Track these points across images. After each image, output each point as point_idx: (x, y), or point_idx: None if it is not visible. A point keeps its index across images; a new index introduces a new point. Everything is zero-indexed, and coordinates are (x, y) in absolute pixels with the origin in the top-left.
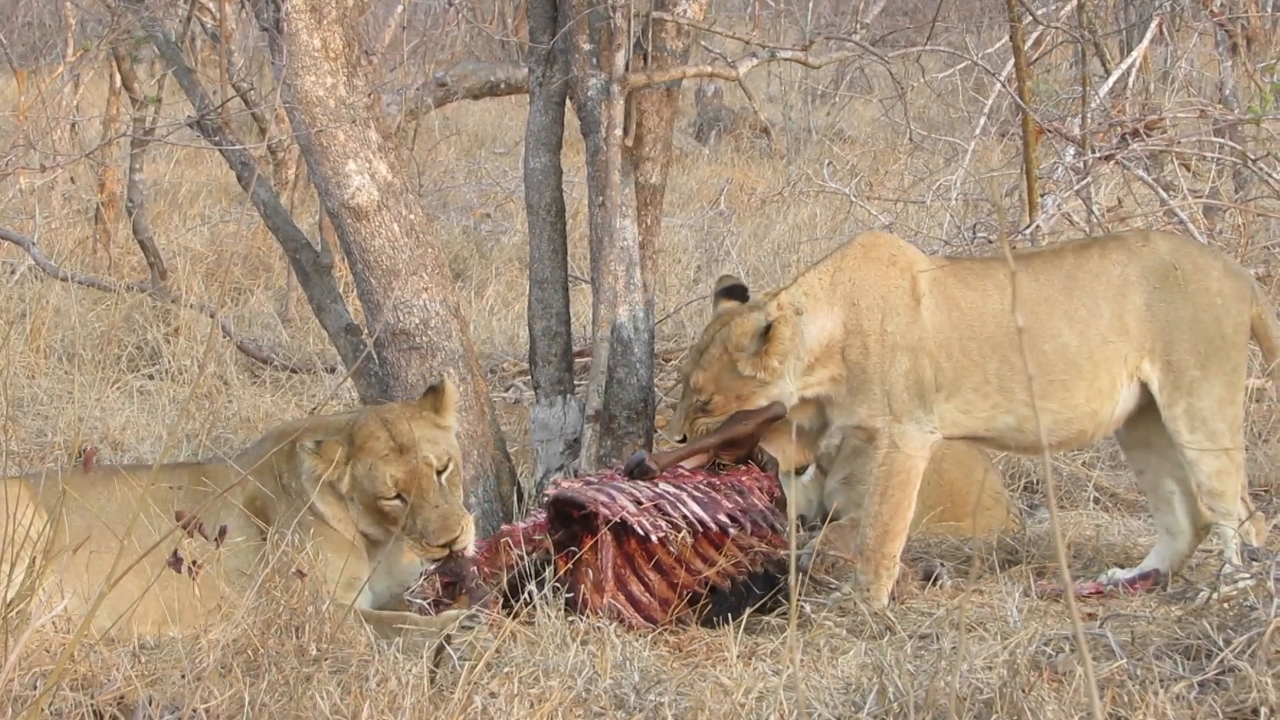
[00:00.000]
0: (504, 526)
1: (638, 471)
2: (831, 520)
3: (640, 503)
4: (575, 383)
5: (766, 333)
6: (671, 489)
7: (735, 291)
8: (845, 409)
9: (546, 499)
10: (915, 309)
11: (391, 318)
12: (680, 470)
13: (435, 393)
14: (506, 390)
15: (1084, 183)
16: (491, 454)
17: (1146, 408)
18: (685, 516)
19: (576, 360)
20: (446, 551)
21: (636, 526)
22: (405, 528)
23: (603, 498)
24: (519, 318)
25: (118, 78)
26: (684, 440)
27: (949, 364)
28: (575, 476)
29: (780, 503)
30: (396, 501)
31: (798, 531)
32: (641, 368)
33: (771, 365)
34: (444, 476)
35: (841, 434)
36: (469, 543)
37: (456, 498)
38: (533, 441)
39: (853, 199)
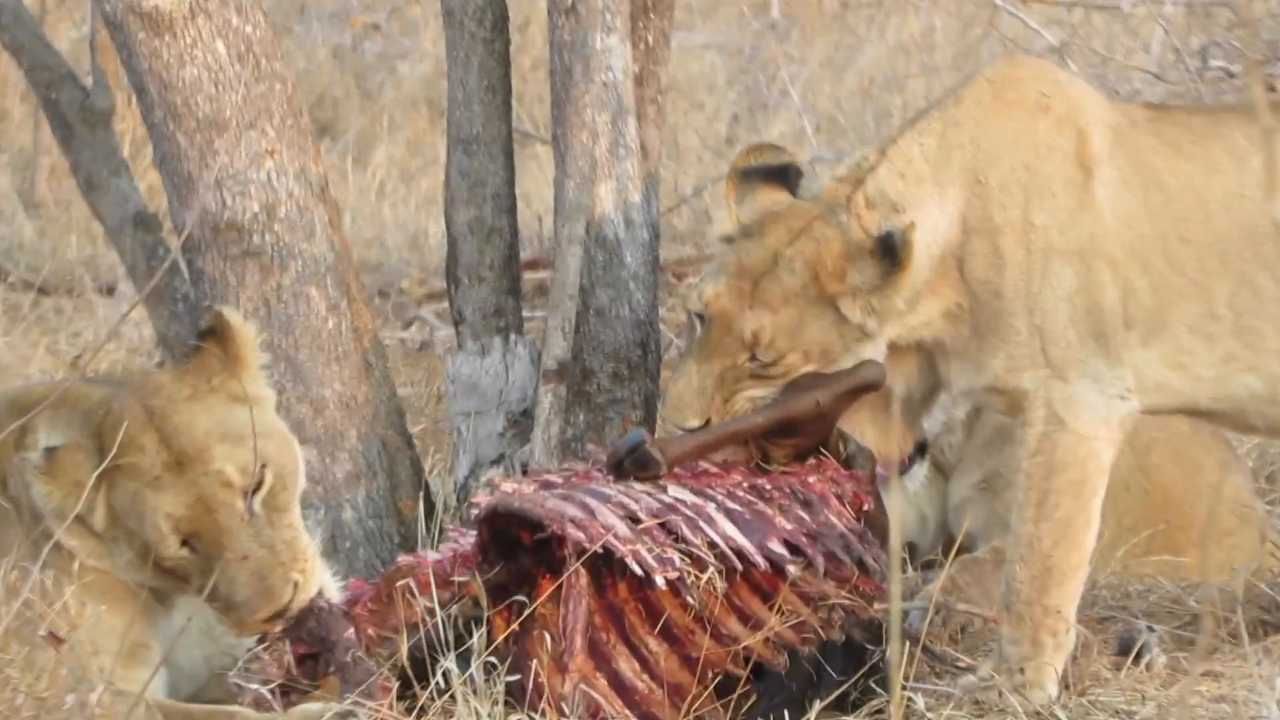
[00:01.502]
0: (402, 559)
1: (634, 464)
2: (959, 552)
3: (638, 520)
4: (525, 315)
5: (892, 250)
6: (691, 497)
7: (779, 174)
8: (968, 360)
9: (477, 513)
10: (1085, 187)
11: (213, 201)
12: (705, 467)
13: (215, 339)
14: (407, 326)
15: None
16: (381, 435)
17: None
18: (713, 543)
19: (527, 276)
20: (276, 625)
21: (630, 560)
22: (202, 591)
23: (573, 511)
24: (429, 203)
25: None
26: (706, 425)
27: (1146, 283)
28: (524, 474)
29: (874, 522)
30: (184, 552)
31: (904, 571)
32: (638, 289)
33: (896, 306)
34: (257, 497)
35: (968, 404)
36: (307, 596)
37: (285, 526)
38: (452, 413)
39: (998, 2)
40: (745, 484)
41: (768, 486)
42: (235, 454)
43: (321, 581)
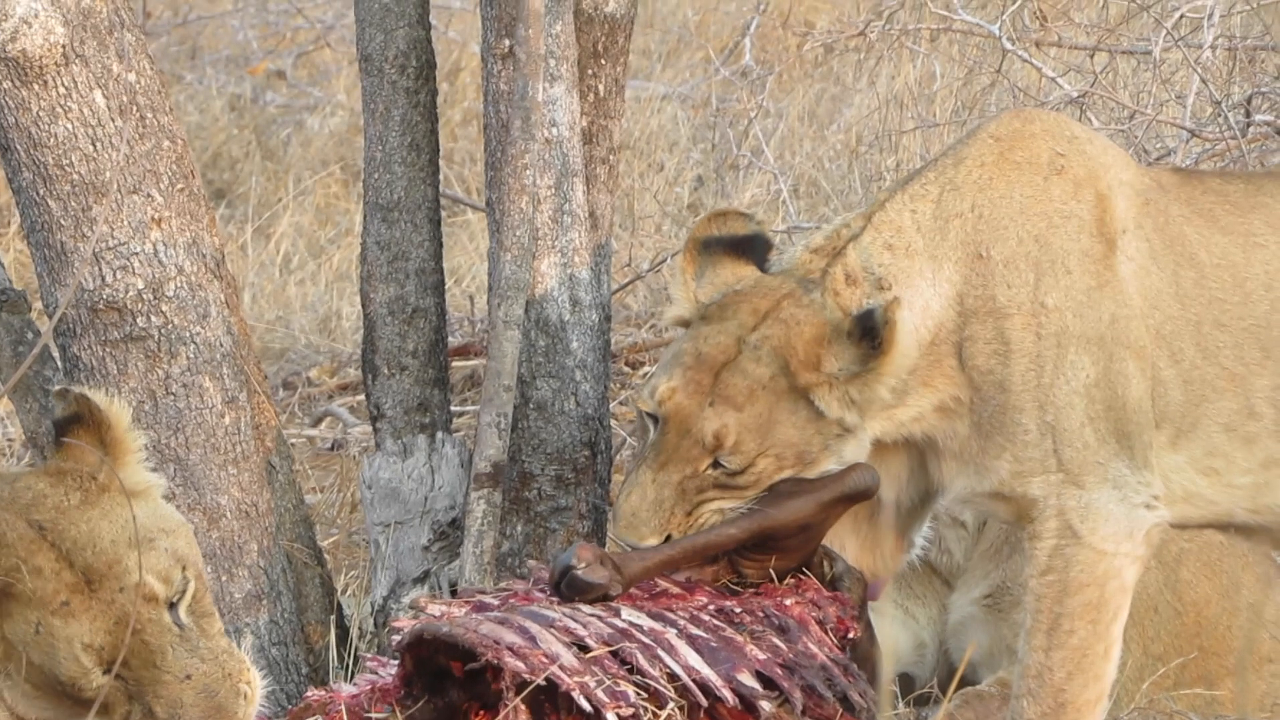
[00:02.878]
0: (312, 693)
1: (571, 588)
2: (961, 684)
3: (586, 648)
4: (454, 410)
5: (872, 331)
6: (648, 621)
7: (745, 246)
8: (967, 463)
9: (399, 639)
10: (1106, 261)
11: (90, 277)
12: (665, 586)
13: (86, 427)
14: (317, 423)
15: None
16: (286, 549)
17: None
18: (674, 675)
19: (456, 365)
20: None
21: (577, 695)
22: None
23: (511, 638)
24: (342, 279)
25: None
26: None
27: (1175, 374)
28: (454, 594)
29: (862, 653)
30: (104, 679)
31: (896, 707)
32: (585, 380)
33: (880, 396)
34: (182, 609)
35: (968, 510)
36: (255, 710)
37: (217, 632)
38: (368, 524)
39: (1007, 46)
40: (711, 607)
41: (738, 610)
42: (151, 561)
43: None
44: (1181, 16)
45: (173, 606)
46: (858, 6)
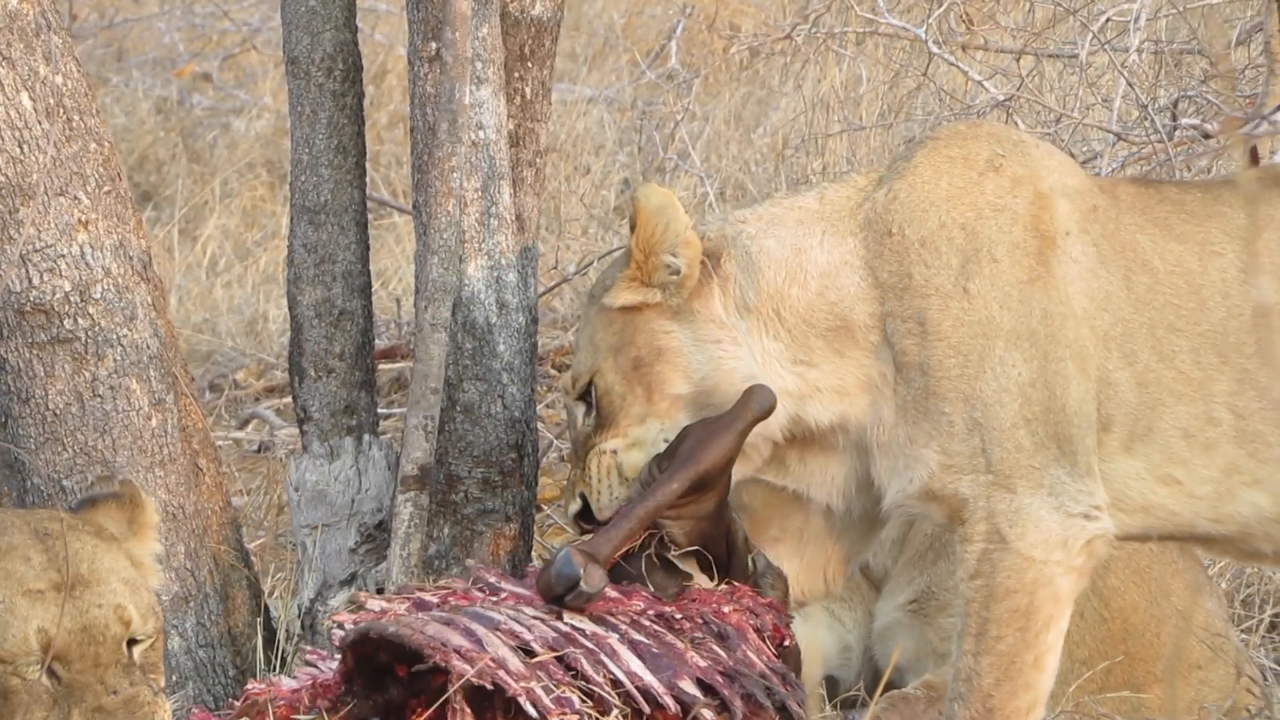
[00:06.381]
0: (253, 685)
1: (578, 599)
2: (887, 688)
3: (532, 653)
4: (380, 413)
5: (631, 219)
6: (590, 625)
7: None
8: (897, 457)
9: (345, 636)
10: (1040, 256)
11: (17, 279)
12: (606, 592)
13: (120, 505)
14: (243, 425)
15: None
16: (213, 550)
17: None
18: (616, 680)
19: (383, 367)
20: None
21: (524, 701)
22: None
23: (458, 640)
24: (268, 282)
25: None
26: (584, 512)
27: (1129, 376)
28: (395, 593)
29: (794, 655)
30: (34, 670)
31: (822, 708)
32: (512, 382)
33: (662, 263)
34: (139, 650)
35: (904, 519)
36: None
37: (155, 681)
38: (295, 526)
39: (933, 49)
40: (651, 612)
41: (677, 616)
42: (136, 597)
43: None
44: (1108, 20)
45: (131, 645)
46: (784, 10)
